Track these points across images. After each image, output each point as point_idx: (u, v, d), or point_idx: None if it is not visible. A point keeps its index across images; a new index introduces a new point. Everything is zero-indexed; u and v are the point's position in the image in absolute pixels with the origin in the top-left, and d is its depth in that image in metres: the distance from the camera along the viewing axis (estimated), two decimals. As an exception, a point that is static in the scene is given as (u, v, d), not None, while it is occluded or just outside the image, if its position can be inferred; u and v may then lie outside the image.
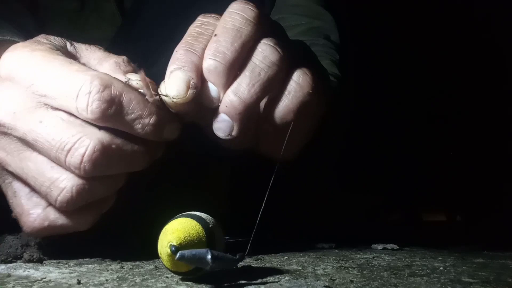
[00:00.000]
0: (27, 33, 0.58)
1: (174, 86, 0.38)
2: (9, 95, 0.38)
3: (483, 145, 1.29)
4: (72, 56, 0.41)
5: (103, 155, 0.37)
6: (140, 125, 0.37)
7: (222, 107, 0.40)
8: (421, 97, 1.30)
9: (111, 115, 0.36)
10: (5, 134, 0.38)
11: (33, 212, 0.40)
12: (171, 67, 0.39)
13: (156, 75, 0.41)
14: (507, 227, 0.84)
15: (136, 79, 0.39)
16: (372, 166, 1.17)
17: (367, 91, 1.02)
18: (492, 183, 1.26)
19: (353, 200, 0.96)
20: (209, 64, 0.39)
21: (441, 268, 0.45)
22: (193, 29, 0.41)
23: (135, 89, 0.38)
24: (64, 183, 0.37)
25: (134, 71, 0.41)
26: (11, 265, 0.41)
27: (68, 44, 0.41)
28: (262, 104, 0.42)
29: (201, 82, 0.39)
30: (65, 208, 0.38)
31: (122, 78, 0.39)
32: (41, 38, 0.41)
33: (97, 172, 0.38)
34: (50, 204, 0.39)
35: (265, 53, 0.40)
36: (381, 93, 1.21)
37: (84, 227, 0.41)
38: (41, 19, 0.68)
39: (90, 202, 0.40)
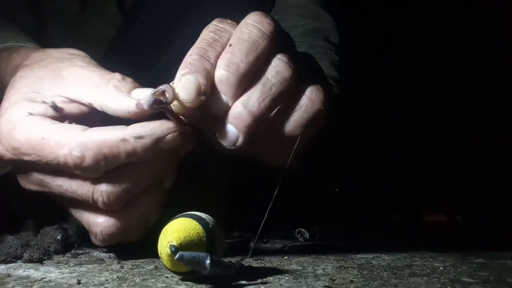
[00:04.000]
0: (28, 35, 0.59)
1: (184, 89, 0.38)
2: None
3: (483, 145, 1.29)
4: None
5: (118, 198, 0.40)
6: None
7: (230, 118, 0.40)
8: (421, 97, 1.30)
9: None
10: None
11: (98, 223, 0.42)
12: (182, 70, 0.38)
13: (156, 74, 0.41)
14: (507, 227, 0.84)
15: (145, 97, 0.38)
16: (372, 166, 1.17)
17: (367, 92, 1.02)
18: (492, 183, 1.26)
19: (354, 200, 0.96)
20: (221, 74, 0.39)
21: (441, 268, 0.45)
22: (207, 33, 0.41)
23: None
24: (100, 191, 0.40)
25: (134, 85, 0.40)
26: (11, 265, 0.41)
27: (53, 106, 0.41)
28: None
29: (211, 90, 0.39)
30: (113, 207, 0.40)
31: (132, 102, 0.38)
32: (27, 106, 0.40)
33: (123, 202, 0.41)
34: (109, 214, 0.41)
35: (278, 69, 0.40)
36: (381, 93, 1.21)
37: (142, 235, 0.44)
38: (42, 21, 0.68)
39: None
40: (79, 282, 0.35)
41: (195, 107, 0.38)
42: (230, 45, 0.39)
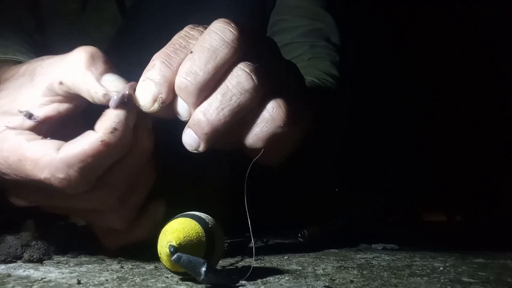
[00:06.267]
0: (27, 36, 0.58)
1: (141, 96, 0.38)
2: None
3: (482, 145, 1.29)
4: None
5: (120, 197, 0.41)
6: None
7: (190, 124, 0.40)
8: (421, 97, 1.30)
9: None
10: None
11: (105, 227, 0.43)
12: (144, 75, 0.39)
13: None
14: (507, 227, 0.84)
15: (114, 85, 0.38)
16: (372, 165, 1.17)
17: (367, 91, 1.02)
18: (491, 182, 1.26)
19: (353, 200, 0.96)
20: (180, 82, 0.38)
21: (441, 268, 0.45)
22: (176, 39, 0.41)
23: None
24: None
25: (106, 67, 0.39)
26: (11, 265, 0.41)
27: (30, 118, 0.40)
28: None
29: (172, 96, 0.39)
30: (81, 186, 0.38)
31: (100, 90, 0.38)
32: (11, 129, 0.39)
33: (125, 199, 0.42)
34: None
35: (239, 79, 0.39)
36: (382, 93, 1.21)
37: (146, 235, 0.44)
38: (42, 21, 0.68)
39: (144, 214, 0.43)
40: (79, 282, 0.35)
41: (153, 113, 0.39)
42: (191, 52, 0.39)
